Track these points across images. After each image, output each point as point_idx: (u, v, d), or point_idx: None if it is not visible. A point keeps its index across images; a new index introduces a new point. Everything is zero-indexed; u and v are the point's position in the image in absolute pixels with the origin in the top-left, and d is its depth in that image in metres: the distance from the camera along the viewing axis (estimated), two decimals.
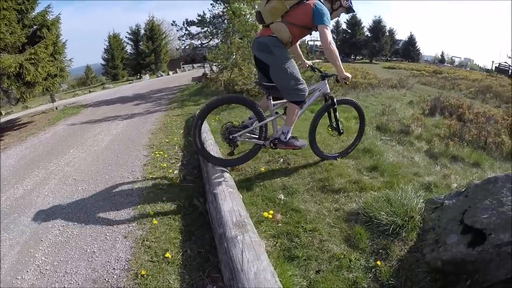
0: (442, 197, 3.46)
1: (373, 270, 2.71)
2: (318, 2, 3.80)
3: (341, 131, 4.86)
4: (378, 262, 2.75)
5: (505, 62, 47.29)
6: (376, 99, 11.39)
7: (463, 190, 3.34)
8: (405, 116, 6.13)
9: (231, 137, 4.09)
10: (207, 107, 3.98)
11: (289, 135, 4.17)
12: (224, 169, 4.08)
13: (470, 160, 5.39)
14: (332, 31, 3.81)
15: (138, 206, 3.98)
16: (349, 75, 4.18)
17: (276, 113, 4.26)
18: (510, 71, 43.89)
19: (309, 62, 4.85)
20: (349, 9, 4.17)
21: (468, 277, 2.52)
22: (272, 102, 4.11)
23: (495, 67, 45.65)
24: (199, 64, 38.71)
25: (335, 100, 4.56)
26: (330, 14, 3.93)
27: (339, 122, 4.78)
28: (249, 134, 4.21)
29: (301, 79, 3.96)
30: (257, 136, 4.22)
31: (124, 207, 4.02)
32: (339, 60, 3.96)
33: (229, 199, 3.23)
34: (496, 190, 2.96)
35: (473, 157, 5.47)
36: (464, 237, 2.70)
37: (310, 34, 4.13)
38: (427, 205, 3.41)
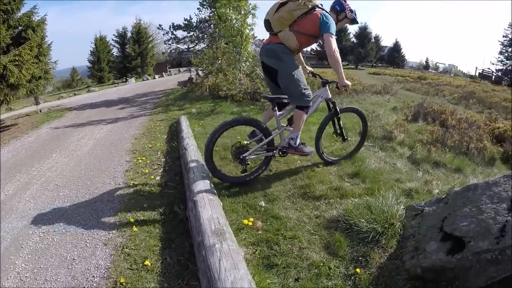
0: (423, 204, 3.47)
1: (352, 277, 2.69)
2: (325, 12, 4.02)
3: (346, 137, 5.11)
4: (358, 270, 2.74)
5: (489, 68, 48.22)
6: (360, 105, 11.38)
7: (443, 197, 3.35)
8: (388, 122, 6.17)
9: (241, 157, 4.25)
10: (216, 132, 4.21)
11: (298, 140, 4.37)
12: (206, 175, 4.05)
13: (452, 165, 5.42)
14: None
15: (119, 213, 3.94)
16: (349, 82, 4.29)
17: (282, 125, 4.53)
18: (493, 77, 44.69)
19: (310, 68, 5.02)
20: (353, 21, 4.41)
21: (448, 284, 2.53)
22: (278, 113, 4.38)
23: (479, 73, 46.44)
24: (185, 68, 38.65)
25: (338, 109, 4.81)
26: (336, 25, 4.10)
27: (343, 129, 5.02)
28: (258, 151, 4.39)
29: (307, 85, 4.19)
30: (265, 151, 4.41)
31: (105, 214, 3.97)
32: (342, 68, 4.11)
33: (208, 207, 3.18)
34: (475, 198, 2.97)
35: (455, 163, 5.50)
36: (444, 244, 2.71)
37: (316, 42, 4.31)
38: (408, 212, 3.41)
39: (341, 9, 4.29)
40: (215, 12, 13.98)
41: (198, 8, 21.31)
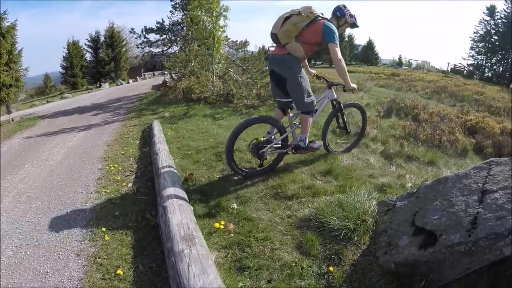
0: (395, 198, 3.48)
1: (325, 276, 2.67)
2: (327, 22, 4.32)
3: (349, 130, 5.54)
4: (331, 268, 2.72)
5: (460, 64, 49.48)
6: None
7: (415, 191, 3.36)
8: (361, 119, 6.21)
9: (260, 152, 4.57)
10: (235, 133, 4.45)
11: (307, 141, 4.75)
12: (176, 180, 4.03)
13: (425, 159, 5.48)
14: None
15: (91, 222, 3.85)
16: (355, 86, 4.80)
17: (295, 124, 4.86)
18: (465, 71, 45.81)
19: (314, 71, 5.37)
20: (354, 25, 4.70)
21: (422, 278, 2.52)
22: (290, 114, 4.75)
23: (451, 68, 47.46)
24: (159, 72, 38.24)
25: (342, 105, 5.24)
26: (337, 29, 4.42)
27: (346, 123, 5.43)
28: (275, 147, 4.72)
29: (311, 92, 4.52)
30: (280, 147, 4.75)
31: (77, 224, 3.88)
32: (347, 73, 4.57)
33: (178, 212, 3.16)
34: (446, 191, 2.98)
35: (428, 156, 5.56)
36: (416, 238, 2.71)
37: (318, 48, 4.61)
38: (380, 207, 3.42)
39: (341, 15, 4.55)
40: (187, 15, 13.87)
41: (170, 11, 21.24)
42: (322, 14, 4.44)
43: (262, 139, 4.65)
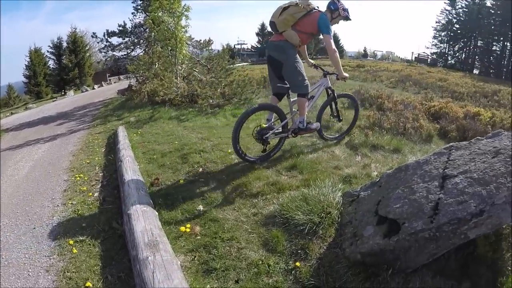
0: (358, 189, 3.49)
1: (293, 272, 2.68)
2: (322, 14, 4.72)
3: (341, 118, 6.06)
4: (298, 264, 2.72)
5: (424, 52, 50.85)
6: None
7: (377, 180, 3.38)
8: (325, 111, 6.26)
9: (264, 137, 4.82)
10: (240, 120, 4.70)
11: (305, 122, 5.01)
12: (140, 187, 4.00)
13: (390, 147, 5.55)
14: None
15: (58, 236, 3.76)
16: (347, 75, 5.38)
17: (294, 110, 5.18)
18: (428, 60, 47.05)
19: (312, 61, 5.91)
20: (346, 18, 5.04)
21: (389, 267, 2.55)
22: (291, 100, 5.13)
23: (415, 57, 48.48)
24: (125, 76, 37.48)
25: (336, 95, 5.68)
26: (330, 22, 4.83)
27: (339, 112, 5.92)
28: (277, 132, 4.99)
29: (306, 76, 4.85)
30: (281, 131, 5.04)
31: (45, 239, 3.78)
32: (340, 63, 5.11)
33: (142, 219, 3.14)
34: (407, 178, 3.01)
35: (393, 144, 5.63)
36: (380, 228, 2.73)
37: (314, 38, 5.16)
38: (345, 198, 3.43)
39: (335, 8, 4.87)
40: (149, 16, 13.68)
41: (132, 13, 20.89)
42: (318, 7, 4.80)
43: (265, 126, 4.92)
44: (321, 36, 4.93)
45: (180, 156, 5.64)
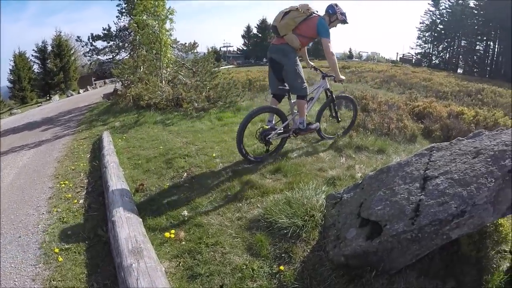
0: (342, 191, 3.51)
1: (277, 276, 2.69)
2: (321, 19, 4.95)
3: (339, 119, 6.31)
4: (282, 267, 2.74)
5: (408, 53, 51.64)
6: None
7: (360, 182, 3.41)
8: (309, 113, 6.29)
9: (267, 138, 5.04)
10: (245, 122, 4.91)
11: (305, 123, 5.24)
12: (125, 193, 3.99)
13: (374, 147, 5.58)
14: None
15: (44, 245, 3.74)
16: (344, 77, 5.65)
17: (295, 111, 5.33)
18: (413, 60, 47.69)
19: (312, 64, 6.10)
20: (343, 21, 5.27)
21: (373, 268, 2.57)
22: (292, 101, 5.27)
23: (400, 58, 49.11)
24: (110, 80, 37.08)
25: (334, 96, 5.96)
26: (328, 25, 5.06)
27: (337, 113, 6.17)
28: (279, 132, 5.22)
29: (305, 79, 5.09)
30: (283, 132, 5.26)
31: (31, 248, 3.75)
32: (337, 66, 5.31)
33: (126, 226, 3.15)
34: (389, 180, 3.04)
35: (377, 144, 5.67)
36: (363, 230, 2.76)
37: (314, 41, 5.53)
38: (328, 201, 3.45)
39: (333, 13, 5.13)
40: (133, 19, 13.60)
41: (117, 16, 20.77)
42: (317, 11, 5.03)
43: (267, 127, 5.13)
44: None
45: (165, 161, 5.62)
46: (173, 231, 3.40)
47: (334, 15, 5.14)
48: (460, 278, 2.55)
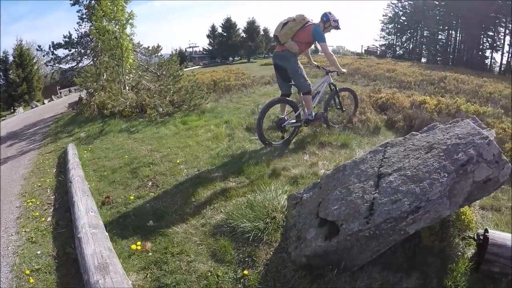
0: (302, 191, 3.56)
1: (241, 280, 2.74)
2: (315, 26, 5.60)
3: (343, 109, 7.03)
4: (246, 272, 2.79)
5: (373, 45, 52.23)
6: (249, 98, 11.67)
7: (318, 181, 3.45)
8: (275, 111, 6.37)
9: (282, 126, 5.77)
10: (263, 111, 5.68)
11: (313, 114, 5.89)
12: (90, 207, 3.98)
13: (338, 142, 5.65)
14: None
15: (15, 267, 3.67)
16: (345, 70, 6.74)
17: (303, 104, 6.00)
18: (378, 52, 48.45)
19: (315, 63, 6.87)
20: (336, 27, 5.96)
21: (334, 267, 2.63)
22: (301, 95, 5.94)
23: (365, 50, 49.59)
24: (76, 88, 36.11)
25: (338, 89, 6.71)
26: (323, 31, 5.71)
27: (341, 103, 6.93)
28: (291, 121, 5.91)
29: (307, 77, 5.79)
30: (295, 121, 5.96)
31: (2, 271, 3.66)
32: (337, 62, 6.01)
33: (91, 241, 3.14)
34: (345, 179, 3.10)
35: (341, 139, 5.74)
36: (321, 230, 2.81)
37: (311, 46, 6.11)
38: (289, 201, 3.50)
39: (327, 20, 5.81)
40: (94, 26, 13.35)
41: (78, 22, 20.41)
42: (312, 20, 5.66)
43: (281, 116, 5.89)
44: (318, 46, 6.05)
45: (130, 171, 5.62)
46: (139, 242, 3.41)
47: (328, 22, 5.81)
48: (424, 269, 2.64)
